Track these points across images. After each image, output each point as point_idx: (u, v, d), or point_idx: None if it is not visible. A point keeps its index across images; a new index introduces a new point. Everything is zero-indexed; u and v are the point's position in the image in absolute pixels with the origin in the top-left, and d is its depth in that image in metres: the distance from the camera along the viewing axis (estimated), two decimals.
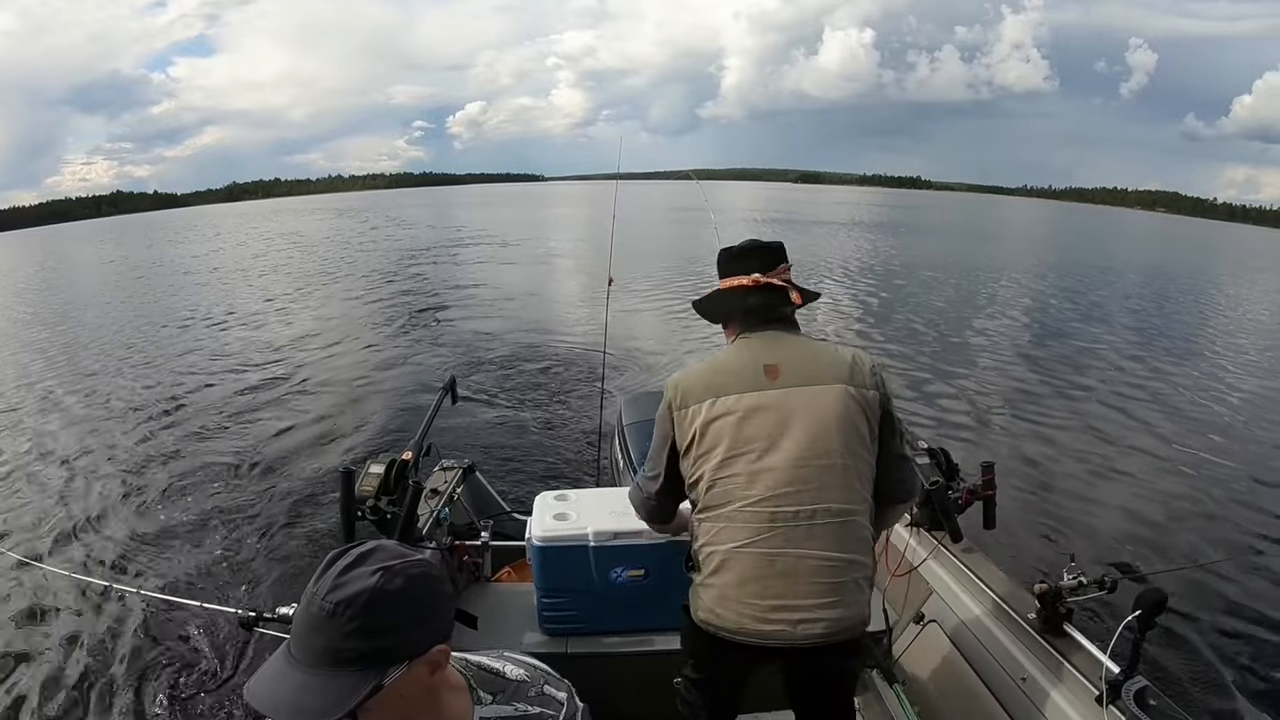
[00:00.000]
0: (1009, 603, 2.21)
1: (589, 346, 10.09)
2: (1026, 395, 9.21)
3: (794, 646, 1.66)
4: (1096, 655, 1.88)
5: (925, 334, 12.60)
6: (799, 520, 1.66)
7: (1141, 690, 1.68)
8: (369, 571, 0.85)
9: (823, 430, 1.68)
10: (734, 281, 1.88)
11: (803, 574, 1.65)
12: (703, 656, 1.89)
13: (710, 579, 1.73)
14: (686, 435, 1.76)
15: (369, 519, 2.35)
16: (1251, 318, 17.72)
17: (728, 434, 1.70)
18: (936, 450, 2.54)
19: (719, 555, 1.71)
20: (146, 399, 8.85)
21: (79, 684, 3.78)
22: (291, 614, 1.91)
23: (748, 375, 1.75)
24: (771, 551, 1.66)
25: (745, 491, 1.68)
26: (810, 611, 1.65)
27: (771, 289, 1.85)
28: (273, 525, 5.45)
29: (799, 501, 1.66)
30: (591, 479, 5.34)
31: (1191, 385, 10.20)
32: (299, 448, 7.03)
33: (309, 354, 10.86)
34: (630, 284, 14.78)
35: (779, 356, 1.77)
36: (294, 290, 16.97)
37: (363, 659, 0.84)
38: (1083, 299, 17.83)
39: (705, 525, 1.75)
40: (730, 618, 1.69)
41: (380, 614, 0.84)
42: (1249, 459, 7.35)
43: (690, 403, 1.76)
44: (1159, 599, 1.67)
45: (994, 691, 2.17)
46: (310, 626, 0.85)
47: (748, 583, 1.67)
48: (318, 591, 0.85)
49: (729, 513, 1.69)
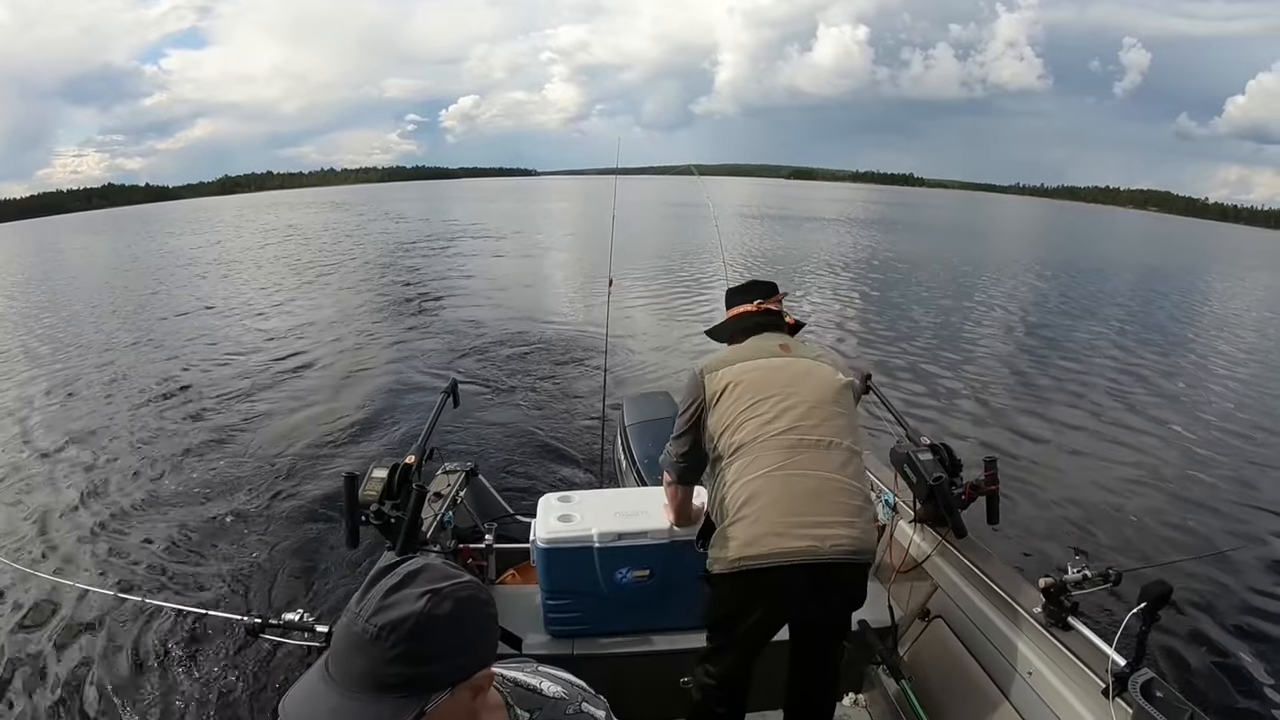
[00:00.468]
0: (1014, 597, 2.21)
1: (590, 347, 10.10)
2: (1029, 391, 9.23)
3: (820, 561, 1.85)
4: (1102, 648, 1.87)
5: (926, 331, 12.61)
6: (821, 448, 1.94)
7: (1148, 682, 1.68)
8: (417, 594, 0.82)
9: (830, 388, 2.05)
10: (741, 309, 2.30)
11: (827, 493, 1.91)
12: (729, 606, 2.00)
13: (741, 512, 1.92)
14: (717, 390, 2.06)
15: (373, 523, 2.35)
16: (1248, 313, 17.72)
17: (753, 384, 2.03)
18: (939, 446, 2.55)
19: (751, 485, 1.92)
20: (147, 404, 8.82)
21: (84, 692, 3.78)
22: (298, 620, 1.94)
23: (764, 350, 2.13)
24: (800, 473, 1.91)
25: (773, 424, 1.96)
26: (835, 528, 1.87)
27: (770, 312, 2.27)
28: (277, 531, 5.44)
29: (820, 433, 1.96)
30: (595, 480, 5.34)
31: (1194, 379, 10.22)
32: (302, 453, 7.02)
33: (311, 358, 10.83)
34: (630, 282, 14.81)
35: (787, 343, 2.18)
36: (293, 291, 16.89)
37: (407, 685, 0.80)
38: (1082, 296, 17.86)
39: (736, 464, 1.97)
40: (763, 542, 1.87)
41: (426, 640, 0.80)
42: (1253, 450, 7.36)
43: (718, 369, 2.09)
44: (1164, 591, 1.67)
45: (1000, 685, 2.17)
46: (351, 647, 0.81)
47: (779, 502, 1.89)
48: (361, 612, 0.81)
49: (760, 444, 1.95)
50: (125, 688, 3.81)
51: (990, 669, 2.24)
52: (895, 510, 2.85)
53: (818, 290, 16.48)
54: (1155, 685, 1.67)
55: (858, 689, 2.74)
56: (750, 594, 1.93)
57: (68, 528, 5.64)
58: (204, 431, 7.74)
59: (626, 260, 17.18)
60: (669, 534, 2.42)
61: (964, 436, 7.19)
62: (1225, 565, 4.97)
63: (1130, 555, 5.05)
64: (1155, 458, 7.01)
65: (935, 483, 2.42)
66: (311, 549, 5.15)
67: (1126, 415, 8.26)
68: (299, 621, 1.94)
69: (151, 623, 4.26)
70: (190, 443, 7.41)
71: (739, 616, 1.99)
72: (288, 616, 1.96)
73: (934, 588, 2.58)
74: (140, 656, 4.04)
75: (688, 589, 2.41)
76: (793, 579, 1.87)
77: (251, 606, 4.42)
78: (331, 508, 5.58)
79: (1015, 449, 7.02)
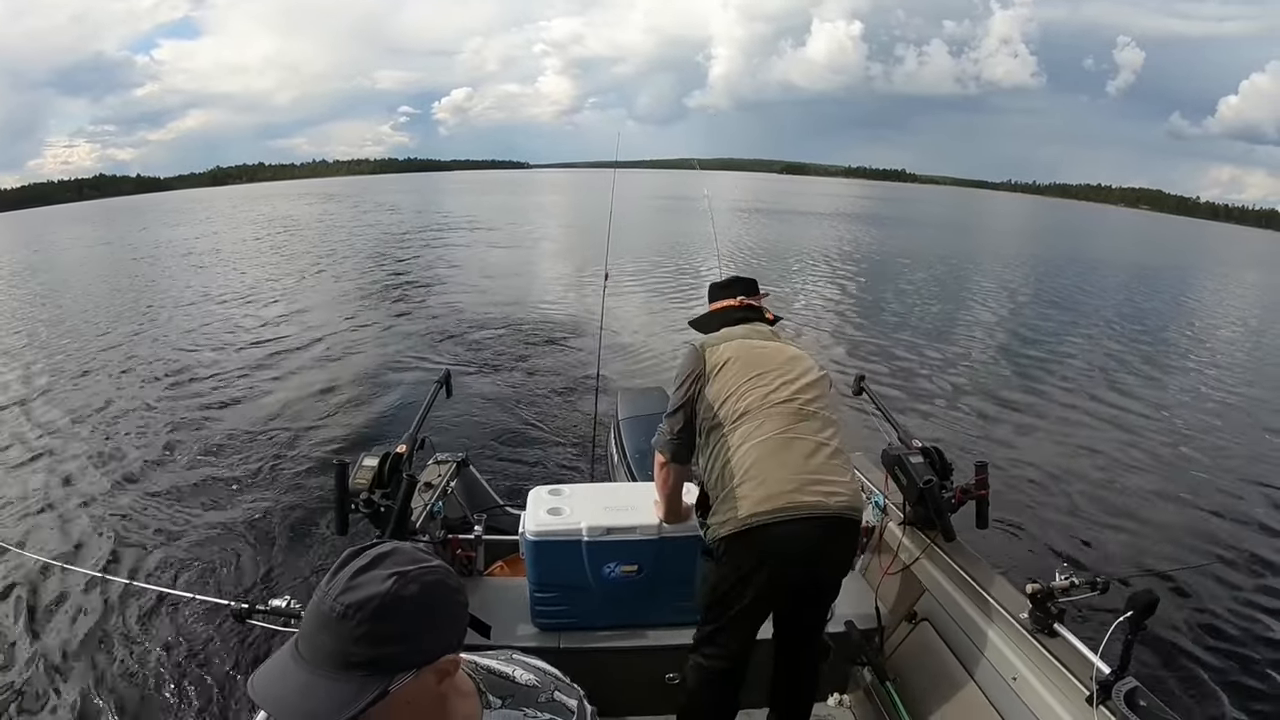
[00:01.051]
0: (1001, 602, 2.21)
1: (584, 341, 10.11)
2: (1021, 396, 9.23)
3: (829, 514, 1.97)
4: (1087, 655, 1.88)
5: (920, 332, 12.59)
6: (818, 419, 2.08)
7: (1132, 691, 1.69)
8: (384, 575, 0.84)
9: (812, 371, 2.19)
10: (724, 303, 2.42)
11: (827, 455, 2.04)
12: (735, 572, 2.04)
13: (750, 473, 2.01)
14: (719, 362, 2.16)
15: (362, 512, 2.35)
16: (1240, 319, 17.79)
17: (753, 359, 2.16)
18: (930, 449, 2.56)
19: (759, 448, 2.03)
20: (136, 390, 8.81)
21: (68, 674, 3.77)
22: (284, 606, 1.93)
23: (755, 334, 2.28)
24: (801, 437, 2.04)
25: (774, 393, 2.09)
26: (836, 486, 2.01)
27: (752, 308, 2.39)
28: (266, 518, 5.43)
29: (815, 404, 2.11)
30: (586, 474, 5.34)
31: (1187, 388, 10.25)
32: (293, 440, 7.01)
33: (304, 346, 10.81)
34: (625, 276, 14.81)
35: (771, 333, 2.32)
36: (289, 281, 16.86)
37: (370, 664, 0.82)
38: (1074, 296, 17.87)
39: (741, 429, 2.07)
40: (777, 498, 1.97)
41: (390, 620, 0.82)
42: (1241, 462, 7.39)
43: (718, 343, 2.21)
44: (1150, 601, 1.67)
45: (985, 690, 2.18)
46: (319, 625, 0.83)
47: (787, 464, 2.00)
48: (329, 591, 0.83)
49: (764, 410, 2.07)
50: (109, 668, 3.80)
51: (975, 673, 2.24)
52: (885, 512, 2.85)
53: (812, 287, 16.51)
54: (1139, 694, 1.68)
55: (843, 689, 2.75)
56: (761, 553, 1.99)
57: (53, 509, 5.63)
58: (195, 417, 7.73)
59: (622, 254, 17.15)
60: (658, 530, 2.41)
61: (955, 440, 7.19)
62: (1212, 577, 5.00)
63: (1118, 564, 5.07)
64: (1146, 468, 7.04)
65: (925, 486, 2.43)
66: (301, 536, 5.14)
67: (1120, 425, 8.27)
68: (285, 608, 1.93)
69: (138, 605, 4.25)
70: (181, 428, 7.40)
71: (744, 584, 2.03)
72: (274, 603, 1.95)
73: (921, 590, 2.58)
74: (125, 638, 4.03)
75: (676, 585, 2.42)
76: (807, 530, 1.97)
77: (238, 592, 4.42)
78: (322, 496, 5.57)
79: (1007, 454, 7.03)
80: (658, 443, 2.29)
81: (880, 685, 2.45)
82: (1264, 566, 5.27)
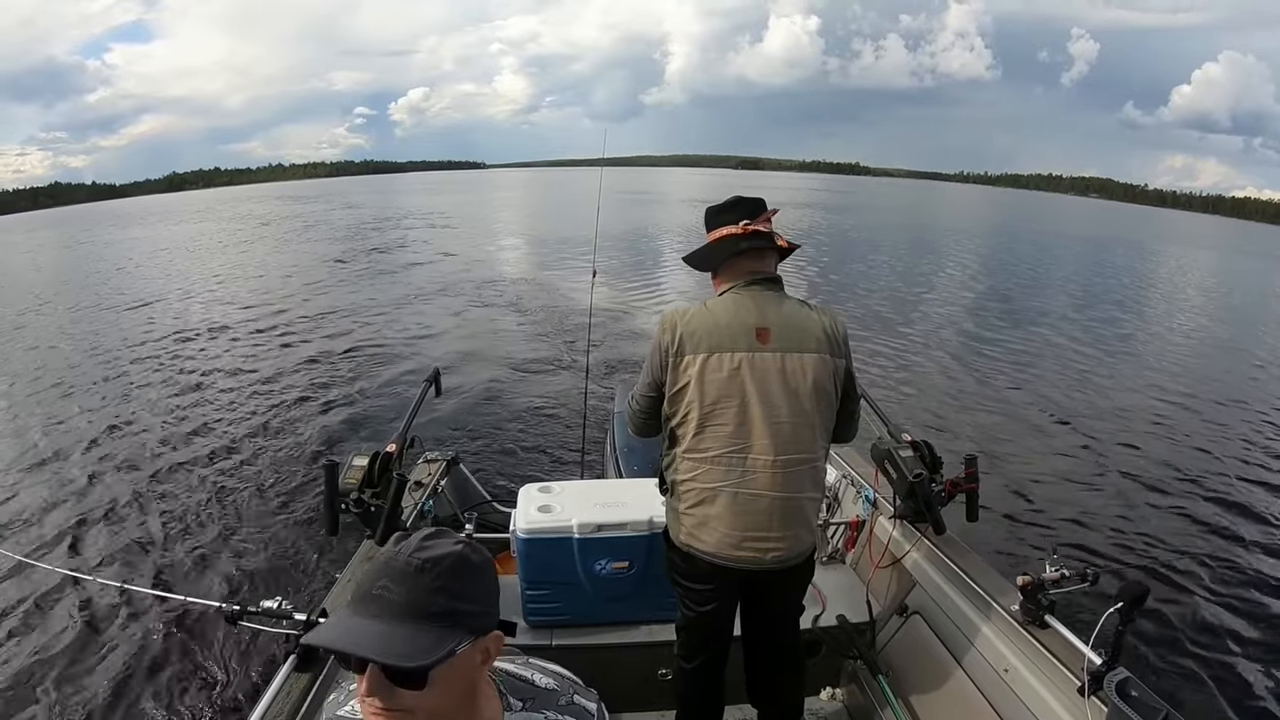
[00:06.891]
0: (992, 594, 2.22)
1: (573, 338, 10.10)
2: (1011, 389, 9.28)
3: (759, 568, 1.95)
4: (1078, 646, 1.89)
5: (904, 324, 12.62)
6: (773, 468, 1.90)
7: (1123, 681, 1.69)
8: (453, 541, 0.88)
9: (802, 393, 1.91)
10: (724, 231, 2.00)
11: (774, 512, 1.92)
12: (689, 573, 2.05)
13: (691, 510, 1.97)
14: (679, 381, 1.94)
15: (353, 511, 2.34)
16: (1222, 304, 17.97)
17: (718, 388, 1.90)
18: (920, 443, 2.56)
19: (701, 492, 1.94)
20: (123, 394, 8.73)
21: (59, 678, 3.73)
22: (276, 607, 1.92)
23: (740, 337, 1.91)
24: (748, 493, 1.91)
25: (730, 440, 1.90)
26: (776, 542, 1.93)
27: (759, 235, 1.97)
28: (256, 519, 5.39)
29: (774, 451, 1.90)
30: (575, 470, 5.33)
31: (1173, 381, 10.31)
32: (282, 441, 6.97)
33: (290, 346, 10.74)
34: (611, 274, 14.82)
35: (769, 320, 1.93)
36: (272, 282, 16.76)
37: (448, 615, 0.84)
38: (1066, 292, 17.96)
39: (688, 463, 1.96)
40: (710, 541, 1.94)
41: (463, 579, 0.86)
42: (1232, 452, 7.44)
43: (686, 352, 1.92)
44: (1141, 592, 1.69)
45: (977, 682, 2.19)
46: (392, 580, 0.84)
47: (725, 516, 1.92)
48: (401, 551, 0.86)
49: (713, 456, 1.92)
50: (99, 673, 3.76)
51: (967, 665, 2.25)
52: (875, 506, 2.86)
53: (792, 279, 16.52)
54: (1130, 684, 1.69)
55: (835, 684, 2.75)
56: (697, 572, 2.02)
57: (42, 512, 5.57)
58: (182, 420, 7.66)
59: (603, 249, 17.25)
60: (649, 526, 2.41)
61: (945, 434, 7.21)
62: (1203, 567, 5.03)
63: (1108, 555, 5.10)
64: (1137, 459, 7.07)
65: (915, 479, 2.43)
66: (291, 538, 5.11)
67: (1109, 417, 8.32)
68: (277, 609, 1.92)
69: (128, 607, 4.22)
70: (167, 430, 7.33)
71: (694, 589, 2.06)
72: (266, 604, 1.94)
73: (912, 584, 2.59)
74: (116, 641, 3.99)
75: (667, 581, 2.42)
76: (743, 579, 2.01)
77: (229, 593, 4.39)
78: (312, 496, 5.54)
79: (996, 448, 7.06)
80: (625, 414, 2.23)
81: (872, 679, 2.46)
82: (1254, 555, 5.31)
